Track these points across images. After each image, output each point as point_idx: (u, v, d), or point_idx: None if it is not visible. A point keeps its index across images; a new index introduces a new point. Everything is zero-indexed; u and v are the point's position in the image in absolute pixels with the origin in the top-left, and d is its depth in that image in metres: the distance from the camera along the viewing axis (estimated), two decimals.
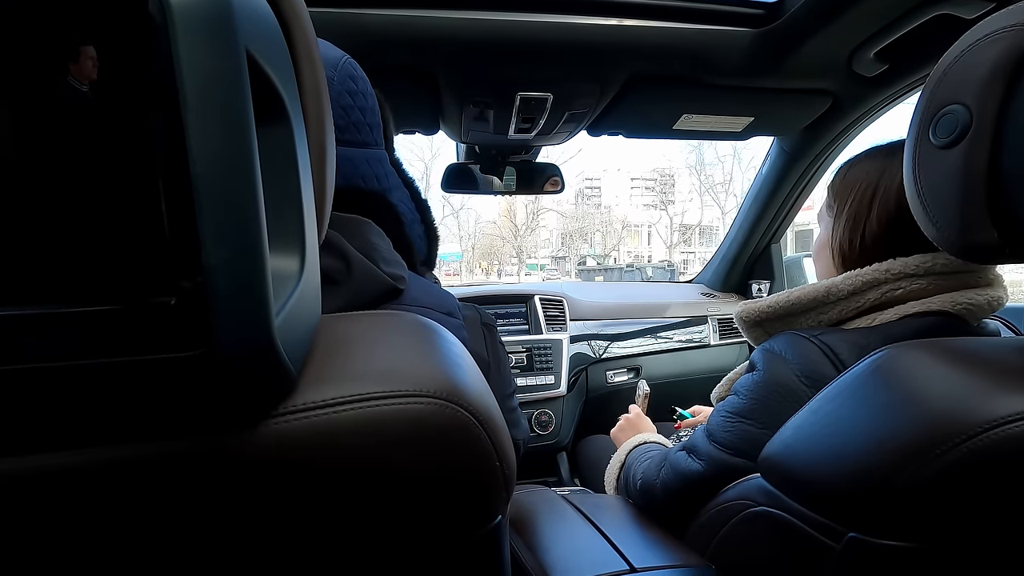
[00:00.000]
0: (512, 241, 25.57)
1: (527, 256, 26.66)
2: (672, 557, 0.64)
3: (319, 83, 0.37)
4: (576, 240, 29.68)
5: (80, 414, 0.24)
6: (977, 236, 0.46)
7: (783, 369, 0.61)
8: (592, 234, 30.97)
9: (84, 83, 0.20)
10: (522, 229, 25.31)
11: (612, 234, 30.55)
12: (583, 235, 29.63)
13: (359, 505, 0.30)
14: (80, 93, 0.20)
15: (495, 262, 27.45)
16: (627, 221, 32.72)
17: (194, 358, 0.22)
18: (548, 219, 28.42)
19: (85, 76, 0.20)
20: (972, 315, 0.60)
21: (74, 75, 0.20)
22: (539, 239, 29.73)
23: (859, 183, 0.67)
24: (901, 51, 0.92)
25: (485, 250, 28.00)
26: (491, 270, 27.32)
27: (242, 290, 0.23)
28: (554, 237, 32.26)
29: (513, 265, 26.49)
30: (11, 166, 0.20)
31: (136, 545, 0.27)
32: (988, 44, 0.44)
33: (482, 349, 0.62)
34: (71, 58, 0.20)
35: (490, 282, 9.40)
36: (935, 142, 0.48)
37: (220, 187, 0.21)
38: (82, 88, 0.20)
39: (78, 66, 0.20)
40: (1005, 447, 0.37)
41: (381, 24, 0.84)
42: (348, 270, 0.49)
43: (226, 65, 0.21)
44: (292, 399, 0.28)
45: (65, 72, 0.20)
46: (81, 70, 0.20)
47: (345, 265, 0.49)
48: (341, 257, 0.49)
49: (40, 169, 0.20)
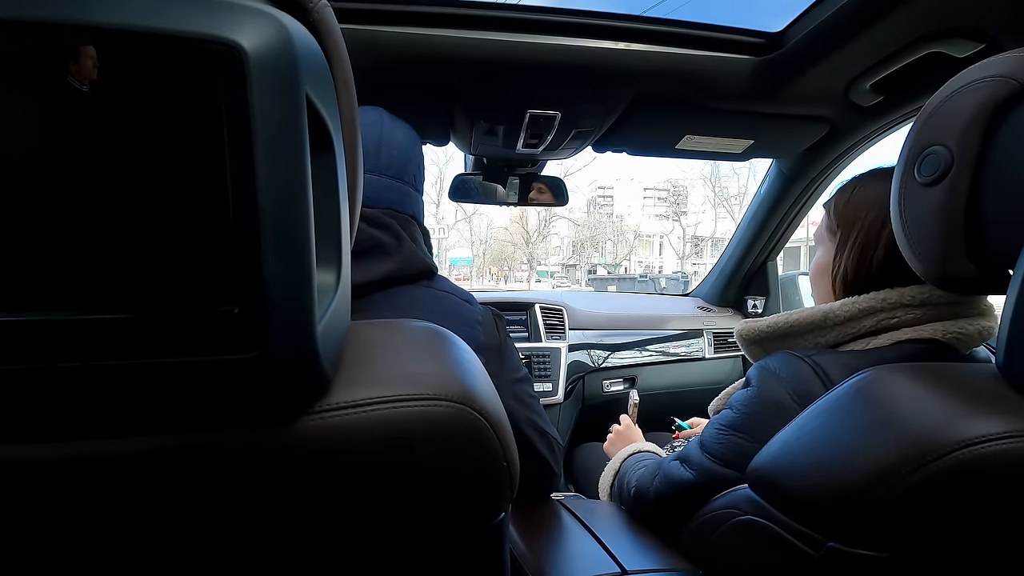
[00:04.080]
0: (524, 248, 25.31)
1: (537, 263, 26.23)
2: (662, 561, 0.67)
3: (354, 112, 0.40)
4: (587, 248, 29.24)
5: (152, 406, 0.27)
6: (956, 269, 0.50)
7: (776, 386, 0.63)
8: (603, 243, 30.57)
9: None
10: (534, 236, 25.03)
11: (624, 243, 30.13)
12: (594, 243, 29.17)
13: (380, 496, 0.33)
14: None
15: (504, 268, 27.04)
16: (640, 231, 32.19)
17: (251, 360, 0.26)
18: (559, 226, 27.75)
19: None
20: (962, 344, 0.62)
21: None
22: (549, 246, 29.06)
23: (866, 211, 0.67)
24: (896, 84, 0.96)
25: (495, 256, 27.69)
26: (500, 276, 26.92)
27: (293, 301, 0.26)
28: (565, 244, 31.73)
29: (522, 271, 26.04)
30: (115, 195, 0.23)
31: (192, 522, 0.31)
32: (970, 91, 0.48)
33: (495, 337, 0.75)
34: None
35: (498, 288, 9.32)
36: (919, 179, 0.51)
37: (280, 214, 0.25)
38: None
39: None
40: (973, 466, 0.41)
41: (397, 42, 0.87)
42: (400, 247, 0.68)
43: (291, 110, 0.25)
44: (327, 398, 0.31)
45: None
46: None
47: (398, 243, 0.68)
48: (395, 237, 0.69)
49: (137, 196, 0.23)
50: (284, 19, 0.25)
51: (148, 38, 0.22)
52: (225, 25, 0.22)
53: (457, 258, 23.95)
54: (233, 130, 0.23)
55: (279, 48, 0.24)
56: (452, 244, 25.72)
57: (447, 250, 24.03)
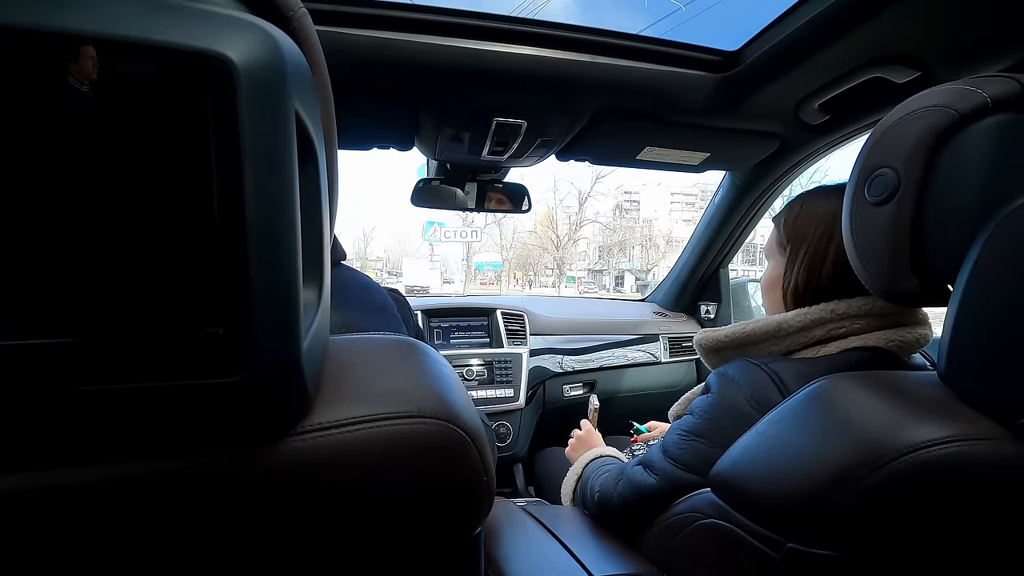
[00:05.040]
0: (553, 252, 24.36)
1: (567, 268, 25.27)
2: (628, 565, 0.68)
3: (332, 121, 0.39)
4: (615, 253, 28.24)
5: (123, 432, 0.26)
6: (902, 284, 0.53)
7: (735, 393, 0.66)
8: (632, 248, 29.69)
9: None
10: (564, 240, 24.12)
11: (654, 249, 28.97)
12: (622, 248, 28.16)
13: (363, 514, 0.33)
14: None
15: (530, 272, 26.04)
16: (671, 236, 30.56)
17: (236, 383, 0.25)
18: (586, 230, 26.49)
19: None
20: (902, 351, 0.67)
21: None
22: (576, 251, 27.66)
23: (814, 227, 0.71)
24: (841, 105, 1.02)
25: (521, 260, 26.65)
26: (525, 280, 25.84)
27: (280, 321, 0.26)
28: (591, 249, 30.51)
29: (547, 276, 25.18)
30: (95, 210, 0.22)
31: (166, 549, 0.29)
32: (915, 119, 0.52)
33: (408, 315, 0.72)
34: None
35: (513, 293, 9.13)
36: (869, 199, 0.54)
37: (269, 231, 0.24)
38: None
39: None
40: (920, 469, 0.44)
41: (361, 44, 0.86)
42: None
43: (280, 124, 0.24)
44: (309, 419, 0.31)
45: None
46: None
47: None
48: None
49: (119, 212, 0.22)
50: (273, 31, 0.24)
51: (136, 49, 0.21)
52: (215, 38, 0.22)
53: (483, 262, 22.84)
54: (221, 145, 0.22)
55: (269, 61, 0.23)
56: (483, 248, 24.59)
57: (475, 254, 23.00)
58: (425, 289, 16.38)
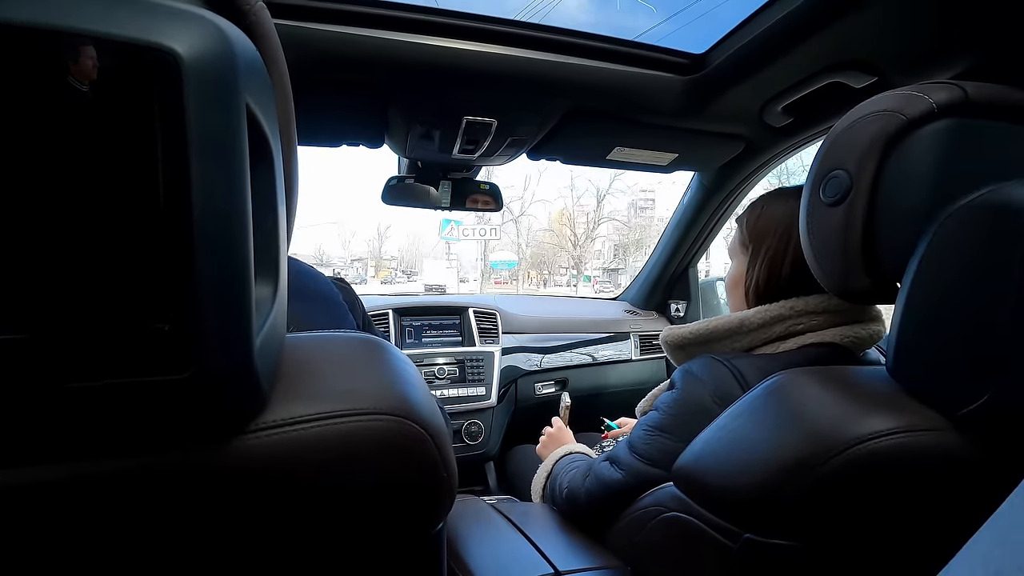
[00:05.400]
0: (570, 251, 23.61)
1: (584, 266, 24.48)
2: (594, 560, 0.69)
3: (290, 117, 0.39)
4: (632, 252, 27.10)
5: (75, 430, 0.25)
6: (854, 282, 0.55)
7: (699, 389, 0.68)
8: (649, 246, 28.70)
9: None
10: (582, 238, 23.33)
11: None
12: (639, 247, 26.91)
13: (320, 513, 0.33)
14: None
15: (544, 272, 25.36)
16: None
17: (183, 380, 0.24)
18: (602, 228, 25.23)
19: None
20: (857, 346, 0.69)
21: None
22: (592, 249, 26.42)
23: (775, 227, 0.73)
24: (803, 108, 1.05)
25: (536, 259, 25.84)
26: (539, 280, 25.19)
27: (230, 317, 0.25)
28: (606, 248, 29.35)
29: (561, 275, 24.50)
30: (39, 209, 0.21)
31: (114, 552, 0.29)
32: (867, 123, 0.53)
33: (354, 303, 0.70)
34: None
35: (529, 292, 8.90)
36: (824, 199, 0.56)
37: (218, 226, 0.24)
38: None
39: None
40: (868, 460, 0.45)
41: (328, 40, 0.84)
42: None
43: (230, 119, 0.24)
44: (263, 416, 0.30)
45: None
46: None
47: None
48: None
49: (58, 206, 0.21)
50: (223, 24, 0.24)
51: (81, 40, 0.20)
52: (162, 31, 0.21)
53: (498, 261, 22.05)
54: (168, 139, 0.22)
55: (217, 55, 0.23)
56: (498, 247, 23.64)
57: (491, 252, 22.15)
58: (442, 287, 16.35)
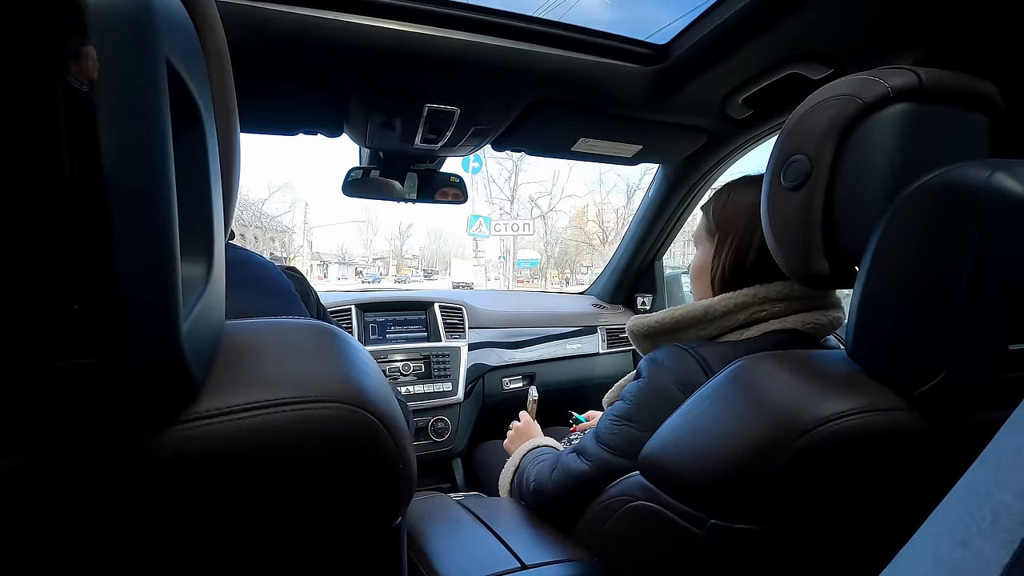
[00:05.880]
0: (600, 248, 22.73)
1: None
2: (560, 553, 0.68)
3: (227, 87, 0.36)
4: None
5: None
6: (814, 267, 0.56)
7: (664, 377, 0.67)
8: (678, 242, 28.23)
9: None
10: (611, 235, 22.36)
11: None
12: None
13: (263, 508, 0.30)
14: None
15: (566, 270, 24.76)
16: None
17: (95, 365, 0.22)
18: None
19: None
20: (817, 332, 0.70)
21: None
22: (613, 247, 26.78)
23: (740, 216, 0.74)
24: (763, 99, 1.07)
25: (557, 258, 25.03)
26: (562, 279, 24.42)
27: (152, 297, 0.23)
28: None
29: (583, 273, 24.04)
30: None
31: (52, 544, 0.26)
32: (825, 107, 0.54)
33: (307, 293, 0.67)
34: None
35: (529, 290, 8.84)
36: (784, 184, 0.56)
37: (133, 194, 0.21)
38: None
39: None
40: (828, 441, 0.46)
41: (283, 21, 0.81)
42: None
43: (146, 75, 0.21)
44: (196, 406, 0.28)
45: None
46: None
47: None
48: None
49: None
50: None
51: None
52: None
53: (521, 260, 21.07)
54: (72, 94, 0.19)
55: (131, 3, 0.20)
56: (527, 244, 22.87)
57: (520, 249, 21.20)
58: (469, 285, 16.37)
